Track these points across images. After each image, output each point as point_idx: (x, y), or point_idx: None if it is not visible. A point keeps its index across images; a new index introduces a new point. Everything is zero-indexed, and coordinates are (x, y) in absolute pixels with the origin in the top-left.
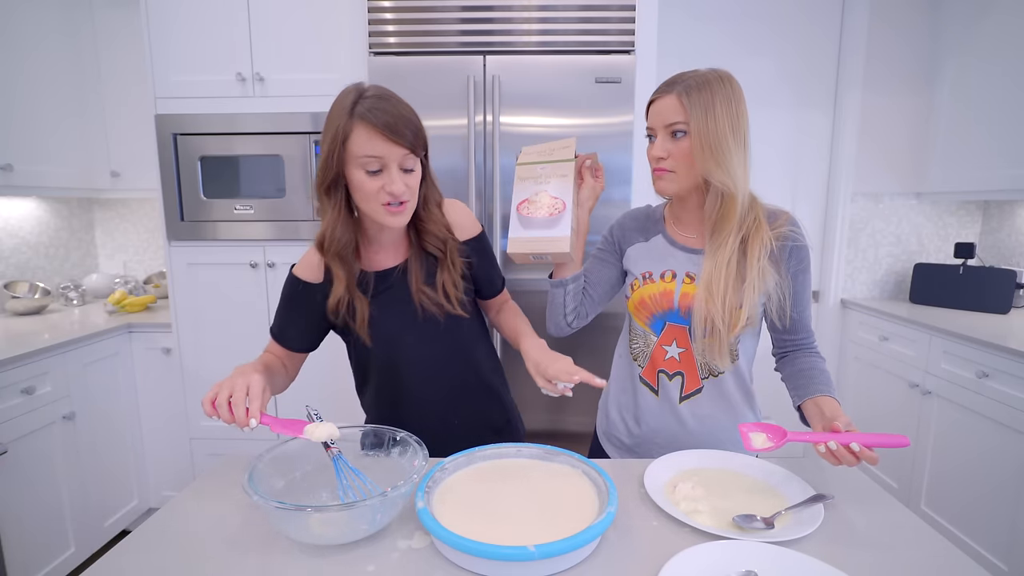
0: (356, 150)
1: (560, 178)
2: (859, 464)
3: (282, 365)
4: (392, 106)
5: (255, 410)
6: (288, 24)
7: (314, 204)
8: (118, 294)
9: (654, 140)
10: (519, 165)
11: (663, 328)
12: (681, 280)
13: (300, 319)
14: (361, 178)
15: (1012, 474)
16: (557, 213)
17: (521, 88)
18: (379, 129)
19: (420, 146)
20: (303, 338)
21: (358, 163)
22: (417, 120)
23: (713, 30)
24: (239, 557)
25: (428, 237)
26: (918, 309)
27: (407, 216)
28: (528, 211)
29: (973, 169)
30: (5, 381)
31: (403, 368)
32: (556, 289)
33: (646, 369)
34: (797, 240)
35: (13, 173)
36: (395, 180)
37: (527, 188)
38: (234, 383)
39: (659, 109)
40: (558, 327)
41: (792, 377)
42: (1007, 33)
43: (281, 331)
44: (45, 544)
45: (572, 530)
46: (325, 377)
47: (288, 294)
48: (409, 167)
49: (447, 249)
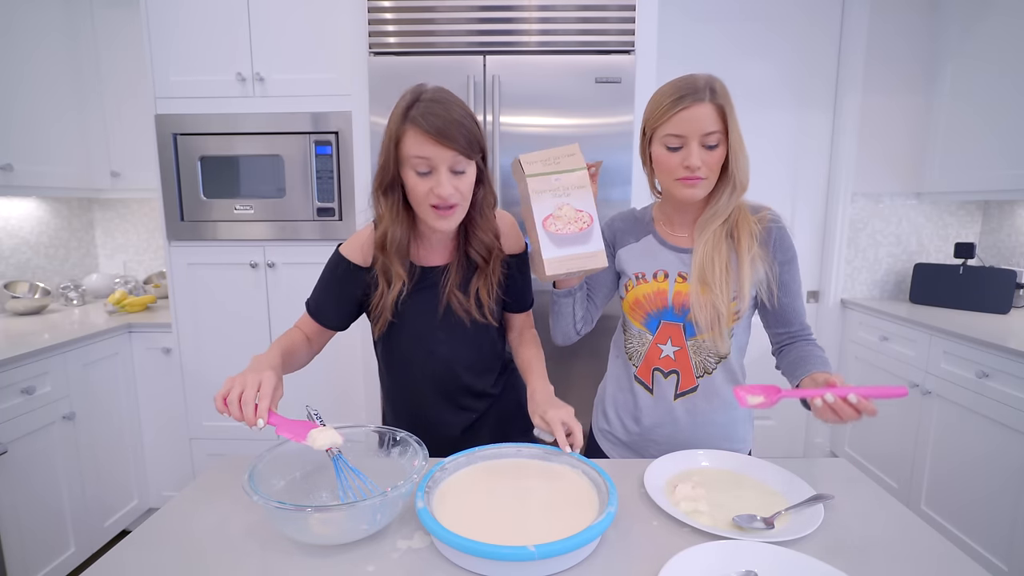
0: (407, 152)
1: (578, 189)
2: (859, 419)
3: (306, 341)
4: (444, 109)
5: (263, 409)
6: (288, 24)
7: (371, 204)
8: (118, 294)
9: (678, 149)
10: (531, 177)
11: (658, 327)
12: (674, 280)
13: (339, 298)
14: (413, 180)
15: (1012, 474)
16: (587, 227)
17: (521, 88)
18: (429, 133)
19: (474, 149)
20: (339, 317)
21: (410, 164)
22: (472, 123)
23: (713, 31)
24: (239, 557)
25: (475, 242)
26: (918, 309)
27: (455, 220)
28: (556, 228)
29: (973, 169)
30: (5, 381)
31: (421, 366)
32: (565, 299)
33: (641, 368)
34: (778, 222)
35: (13, 173)
36: (443, 183)
37: (547, 202)
38: (246, 379)
39: (694, 117)
40: (566, 336)
41: (789, 365)
42: (1007, 33)
43: (318, 307)
44: (45, 544)
45: (572, 530)
46: (326, 377)
47: (331, 272)
48: (460, 169)
49: (491, 258)
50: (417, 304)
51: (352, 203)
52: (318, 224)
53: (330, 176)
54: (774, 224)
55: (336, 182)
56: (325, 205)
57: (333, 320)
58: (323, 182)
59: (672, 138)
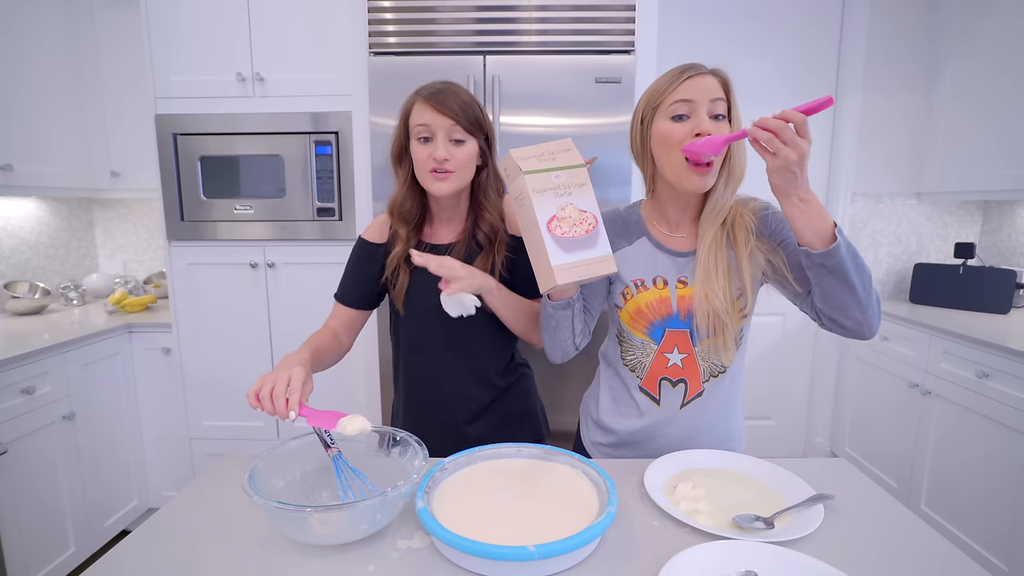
0: (412, 122)
1: (580, 187)
2: (786, 128)
3: (333, 337)
4: (448, 87)
5: (294, 402)
6: (288, 24)
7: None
8: (118, 294)
9: (685, 120)
10: (529, 174)
11: (663, 335)
12: (674, 286)
13: (363, 277)
14: (416, 148)
15: (1012, 474)
16: (592, 229)
17: (521, 88)
18: (428, 101)
19: (474, 125)
20: (365, 296)
21: (414, 133)
22: (474, 105)
23: (713, 31)
24: (239, 557)
25: (482, 223)
26: (918, 309)
27: (452, 185)
28: (563, 231)
29: (973, 169)
30: (5, 381)
31: (428, 344)
32: (563, 312)
33: (646, 379)
34: (768, 207)
35: (13, 173)
36: (439, 146)
37: (550, 202)
38: (276, 375)
39: (701, 83)
40: (565, 353)
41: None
42: (1006, 33)
43: (345, 291)
44: (45, 544)
45: (572, 530)
46: (328, 379)
47: (354, 255)
48: (458, 138)
49: (496, 239)
50: (422, 276)
51: (352, 203)
52: (318, 224)
53: (330, 176)
54: (765, 211)
55: (336, 182)
56: (325, 205)
57: (359, 300)
58: (323, 182)
59: (680, 104)
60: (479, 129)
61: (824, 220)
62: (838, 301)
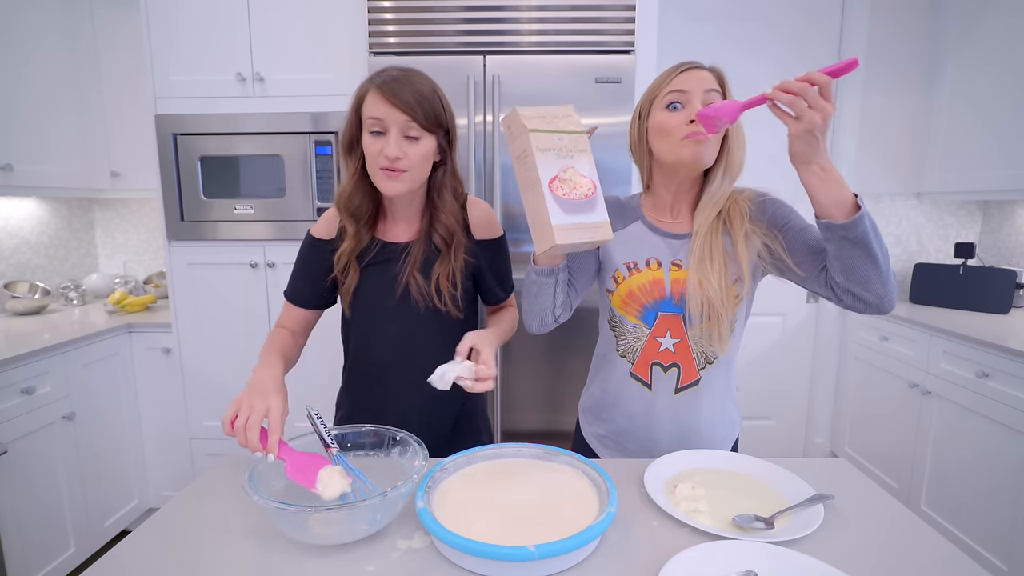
0: (365, 113)
1: (581, 152)
2: (810, 91)
3: (291, 338)
4: (406, 77)
5: (273, 444)
6: (288, 24)
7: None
8: (118, 294)
9: (680, 109)
10: (533, 132)
11: (655, 319)
12: (668, 268)
13: (313, 275)
14: (367, 141)
15: (1012, 474)
16: (592, 194)
17: (521, 88)
18: (383, 93)
19: (431, 121)
20: (316, 295)
21: (366, 125)
22: (434, 98)
23: (713, 31)
24: (239, 557)
25: (438, 225)
26: (918, 309)
27: (403, 185)
28: (563, 192)
29: (973, 169)
30: (5, 381)
31: (373, 345)
32: (547, 279)
33: (637, 364)
34: (765, 195)
35: (13, 173)
36: (391, 143)
37: (552, 161)
38: (252, 404)
39: (696, 76)
40: (543, 323)
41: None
42: (1007, 34)
43: (296, 291)
44: (45, 544)
45: (572, 530)
46: (318, 379)
47: (303, 252)
48: (413, 135)
49: (452, 243)
50: (374, 275)
51: None
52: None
53: (330, 176)
54: (762, 198)
55: (336, 182)
56: (325, 205)
57: (310, 300)
58: (323, 182)
59: (675, 94)
60: (437, 125)
61: (843, 189)
62: (860, 274)
